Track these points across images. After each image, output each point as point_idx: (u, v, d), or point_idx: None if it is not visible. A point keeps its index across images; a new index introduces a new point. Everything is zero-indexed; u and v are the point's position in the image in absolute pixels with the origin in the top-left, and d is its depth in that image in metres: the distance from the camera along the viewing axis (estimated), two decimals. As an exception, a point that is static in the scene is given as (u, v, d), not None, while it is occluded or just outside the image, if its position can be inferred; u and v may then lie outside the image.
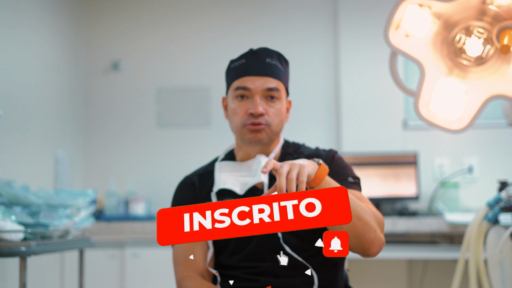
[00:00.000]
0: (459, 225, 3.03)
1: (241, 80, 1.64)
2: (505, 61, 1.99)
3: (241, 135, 1.64)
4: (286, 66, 1.70)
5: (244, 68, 1.64)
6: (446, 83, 2.05)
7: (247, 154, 1.69)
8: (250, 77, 1.63)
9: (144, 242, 3.19)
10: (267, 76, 1.63)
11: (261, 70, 1.63)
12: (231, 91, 1.66)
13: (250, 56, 1.65)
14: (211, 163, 1.76)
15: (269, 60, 1.65)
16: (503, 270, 2.42)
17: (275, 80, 1.64)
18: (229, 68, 1.69)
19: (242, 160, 1.69)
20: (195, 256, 1.60)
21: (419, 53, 2.04)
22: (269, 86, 1.62)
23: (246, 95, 1.63)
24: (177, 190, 1.74)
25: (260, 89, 1.62)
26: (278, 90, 1.64)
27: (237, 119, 1.64)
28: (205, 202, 1.65)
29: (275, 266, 1.55)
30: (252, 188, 1.63)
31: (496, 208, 2.45)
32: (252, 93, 1.62)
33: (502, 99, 2.07)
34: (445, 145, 3.62)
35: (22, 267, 1.96)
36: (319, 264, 1.56)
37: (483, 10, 1.95)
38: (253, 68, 1.63)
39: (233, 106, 1.65)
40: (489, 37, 1.96)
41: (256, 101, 1.61)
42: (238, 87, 1.64)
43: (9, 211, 2.05)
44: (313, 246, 1.57)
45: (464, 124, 2.05)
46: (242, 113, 1.63)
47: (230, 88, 1.67)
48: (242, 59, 1.66)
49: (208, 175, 1.71)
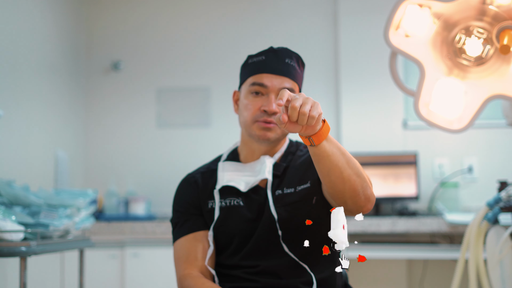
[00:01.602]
0: (459, 225, 3.03)
1: (258, 77, 1.63)
2: (505, 61, 1.99)
3: (250, 130, 1.63)
4: (302, 69, 1.70)
5: (263, 65, 1.64)
6: (446, 83, 2.05)
7: (251, 152, 1.68)
8: (267, 74, 1.63)
9: (144, 242, 3.19)
10: (284, 76, 1.63)
11: (280, 70, 1.63)
12: (246, 86, 1.66)
13: (270, 54, 1.65)
14: (214, 161, 1.75)
15: (288, 60, 1.65)
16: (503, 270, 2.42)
17: (291, 81, 1.64)
18: (246, 63, 1.69)
19: (245, 160, 1.69)
20: (197, 254, 1.59)
21: (419, 53, 2.04)
22: (285, 86, 1.62)
23: (261, 92, 1.63)
24: (179, 187, 1.73)
25: (277, 88, 1.62)
26: (293, 91, 1.64)
27: (249, 114, 1.63)
28: (208, 199, 1.66)
29: (275, 265, 1.55)
30: (255, 187, 1.63)
31: (495, 208, 2.45)
32: (268, 91, 1.62)
33: (502, 99, 2.07)
34: (445, 145, 3.62)
35: (22, 267, 1.96)
36: (317, 264, 1.57)
37: (483, 10, 1.95)
38: (271, 67, 1.63)
39: (245, 101, 1.64)
40: (489, 37, 1.97)
41: (271, 99, 1.61)
42: (254, 83, 1.63)
43: (9, 211, 2.05)
44: (312, 245, 1.57)
45: (464, 124, 2.05)
46: (255, 109, 1.62)
47: (245, 83, 1.67)
48: (261, 55, 1.66)
49: (211, 173, 1.70)
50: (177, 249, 1.64)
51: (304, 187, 1.60)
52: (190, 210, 1.66)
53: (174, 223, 1.68)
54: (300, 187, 1.60)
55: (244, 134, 1.69)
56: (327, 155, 1.36)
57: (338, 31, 3.76)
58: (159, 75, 3.88)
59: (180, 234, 1.64)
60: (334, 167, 1.38)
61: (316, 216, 1.57)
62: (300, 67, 1.69)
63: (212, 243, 1.62)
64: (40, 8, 3.22)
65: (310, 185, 1.59)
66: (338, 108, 3.75)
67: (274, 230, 1.57)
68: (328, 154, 1.36)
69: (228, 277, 1.60)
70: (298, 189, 1.60)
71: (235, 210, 1.61)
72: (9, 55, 2.86)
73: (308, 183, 1.60)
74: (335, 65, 3.79)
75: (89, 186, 3.75)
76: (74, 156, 3.66)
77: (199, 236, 1.62)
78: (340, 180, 1.40)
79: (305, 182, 1.60)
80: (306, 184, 1.60)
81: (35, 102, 3.13)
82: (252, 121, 1.62)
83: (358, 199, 1.44)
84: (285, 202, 1.59)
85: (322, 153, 1.36)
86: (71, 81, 3.68)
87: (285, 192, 1.60)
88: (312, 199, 1.58)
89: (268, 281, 1.54)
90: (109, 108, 3.87)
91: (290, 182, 1.62)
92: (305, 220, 1.55)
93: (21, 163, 2.93)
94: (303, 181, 1.61)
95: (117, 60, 3.87)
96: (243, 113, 1.65)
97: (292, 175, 1.63)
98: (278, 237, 1.57)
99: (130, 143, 3.84)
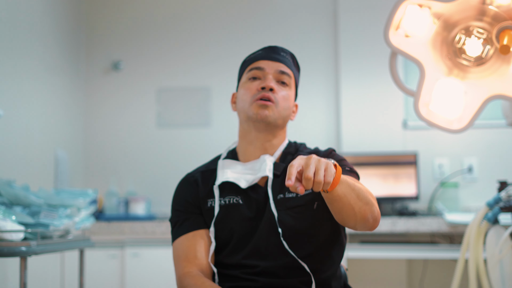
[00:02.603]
0: (459, 225, 3.04)
1: (255, 63, 1.68)
2: (504, 61, 1.99)
3: (248, 111, 1.64)
4: (297, 69, 1.76)
5: (260, 56, 1.70)
6: (446, 83, 2.05)
7: (250, 147, 1.68)
8: (265, 60, 1.68)
9: (144, 242, 3.20)
10: (281, 62, 1.68)
11: (276, 58, 1.69)
12: (245, 75, 1.70)
13: (267, 48, 1.71)
14: (212, 161, 1.76)
15: (283, 54, 1.71)
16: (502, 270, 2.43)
17: (287, 68, 1.69)
18: (244, 62, 1.74)
19: (245, 160, 1.69)
20: (196, 253, 1.59)
21: (419, 53, 2.04)
22: (282, 69, 1.67)
23: (259, 76, 1.66)
24: (179, 186, 1.73)
25: (273, 70, 1.66)
26: (290, 77, 1.68)
27: (247, 96, 1.65)
28: (207, 198, 1.65)
29: (274, 265, 1.55)
30: (254, 186, 1.64)
31: (495, 208, 2.45)
32: (264, 73, 1.66)
33: (501, 99, 2.07)
34: (445, 145, 3.62)
35: (23, 267, 1.96)
36: (317, 263, 1.57)
37: (483, 10, 1.95)
38: (268, 55, 1.69)
39: (243, 88, 1.68)
40: (489, 37, 1.97)
41: (269, 78, 1.65)
42: (252, 68, 1.67)
43: (10, 211, 2.05)
44: (312, 245, 1.58)
45: (464, 124, 2.05)
46: (253, 90, 1.65)
47: (243, 75, 1.71)
48: (258, 51, 1.72)
49: (211, 172, 1.71)
50: (177, 247, 1.64)
51: (306, 192, 1.60)
52: (190, 209, 1.66)
53: (174, 222, 1.68)
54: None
55: (243, 126, 1.69)
56: (340, 198, 1.39)
57: (338, 30, 3.76)
58: (159, 75, 3.88)
59: (179, 233, 1.64)
60: (346, 205, 1.41)
61: (316, 220, 1.58)
62: (295, 65, 1.74)
63: (214, 240, 1.61)
64: (40, 7, 3.23)
65: (312, 190, 1.59)
66: (338, 108, 3.75)
67: (274, 228, 1.57)
68: (340, 196, 1.39)
69: (228, 276, 1.60)
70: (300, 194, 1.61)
71: (234, 208, 1.61)
72: (9, 54, 2.86)
73: (310, 189, 1.60)
74: (335, 65, 3.79)
75: (89, 186, 3.75)
76: (74, 156, 3.66)
77: (198, 235, 1.62)
78: (352, 214, 1.44)
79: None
80: (308, 190, 1.60)
81: (35, 102, 3.13)
82: (251, 101, 1.64)
83: (367, 223, 1.48)
84: (287, 206, 1.59)
85: (335, 197, 1.38)
86: (71, 81, 3.68)
87: (287, 196, 1.60)
88: (314, 204, 1.59)
89: (267, 281, 1.54)
90: (109, 108, 3.88)
91: None
92: (306, 223, 1.57)
93: (21, 163, 2.93)
94: None
95: (117, 60, 3.87)
96: (242, 99, 1.67)
97: None
98: (277, 236, 1.57)
99: (130, 143, 3.84)
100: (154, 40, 3.90)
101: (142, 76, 3.88)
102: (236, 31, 3.87)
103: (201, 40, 3.88)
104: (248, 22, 3.88)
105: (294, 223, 1.57)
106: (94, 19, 3.92)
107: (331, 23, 3.82)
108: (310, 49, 3.81)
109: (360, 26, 3.73)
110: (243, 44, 3.83)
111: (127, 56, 3.89)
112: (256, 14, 3.88)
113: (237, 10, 3.90)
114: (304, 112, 3.75)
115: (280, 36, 3.82)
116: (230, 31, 3.88)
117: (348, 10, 3.75)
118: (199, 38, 3.88)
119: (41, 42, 3.23)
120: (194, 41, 3.88)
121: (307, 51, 3.81)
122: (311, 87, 3.79)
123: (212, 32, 3.88)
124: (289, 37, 3.82)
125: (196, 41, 3.88)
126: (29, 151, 3.03)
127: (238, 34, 3.87)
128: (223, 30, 3.88)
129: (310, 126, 3.75)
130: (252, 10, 3.89)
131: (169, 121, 3.85)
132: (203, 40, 3.88)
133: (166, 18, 3.91)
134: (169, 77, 3.87)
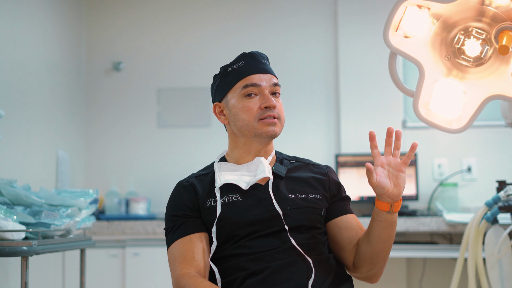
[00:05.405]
0: (458, 225, 3.04)
1: (246, 79, 1.66)
2: (503, 61, 2.00)
3: (255, 130, 1.65)
4: None
5: (247, 68, 1.68)
6: (445, 84, 2.06)
7: (246, 153, 1.69)
8: (256, 74, 1.67)
9: (145, 242, 3.21)
10: (269, 73, 1.70)
11: (263, 69, 1.69)
12: (236, 91, 1.67)
13: (247, 58, 1.70)
14: (205, 168, 1.77)
15: (265, 61, 1.72)
16: (501, 269, 2.44)
17: (276, 78, 1.71)
18: (226, 73, 1.70)
19: (238, 163, 1.71)
20: (194, 254, 1.59)
21: (418, 53, 2.04)
22: (274, 81, 1.69)
23: (254, 92, 1.66)
24: (174, 192, 1.72)
25: (268, 85, 1.67)
26: (280, 86, 1.71)
27: (250, 115, 1.65)
28: (206, 198, 1.65)
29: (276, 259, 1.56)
30: (254, 184, 1.65)
31: (494, 208, 2.46)
32: (260, 89, 1.66)
33: (500, 99, 2.08)
34: (444, 145, 3.63)
35: (24, 266, 1.97)
36: (317, 263, 1.59)
37: (482, 11, 1.96)
38: (255, 67, 1.68)
39: (240, 105, 1.66)
40: (488, 38, 1.97)
41: (267, 96, 1.66)
42: (246, 85, 1.66)
43: (11, 211, 2.06)
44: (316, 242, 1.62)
45: (463, 124, 2.05)
46: (255, 108, 1.65)
47: (233, 89, 1.68)
48: (239, 61, 1.69)
49: (205, 176, 1.71)
50: (173, 251, 1.62)
51: (315, 196, 1.67)
52: (188, 213, 1.65)
53: (169, 227, 1.66)
54: (311, 195, 1.67)
55: (242, 139, 1.69)
56: (395, 224, 1.56)
57: (338, 31, 3.77)
58: (159, 75, 3.89)
59: (175, 237, 1.63)
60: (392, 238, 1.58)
61: (320, 223, 1.67)
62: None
63: (215, 240, 1.61)
64: (41, 9, 3.23)
65: (320, 197, 1.68)
66: (337, 108, 3.76)
67: (277, 225, 1.59)
68: (395, 223, 1.56)
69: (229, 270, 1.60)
70: (310, 196, 1.67)
71: (235, 206, 1.62)
72: (10, 56, 2.87)
73: (319, 195, 1.68)
74: (334, 65, 3.80)
75: (90, 186, 3.76)
76: (75, 156, 3.67)
77: (195, 238, 1.61)
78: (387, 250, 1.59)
79: (316, 193, 1.68)
80: (317, 195, 1.68)
81: (36, 102, 3.14)
82: (256, 120, 1.64)
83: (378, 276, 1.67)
84: (298, 205, 1.64)
85: (393, 222, 1.55)
86: (72, 82, 3.69)
87: (298, 196, 1.66)
88: (322, 210, 1.67)
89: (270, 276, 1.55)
90: (110, 108, 3.88)
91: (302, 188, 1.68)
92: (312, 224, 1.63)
93: (22, 163, 2.94)
94: (315, 191, 1.68)
95: (118, 61, 3.88)
96: (241, 116, 1.66)
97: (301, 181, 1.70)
98: (280, 233, 1.59)
99: (131, 143, 3.85)
100: (155, 41, 3.91)
101: (143, 76, 3.89)
102: (236, 32, 3.88)
103: (202, 41, 3.89)
104: (248, 22, 3.89)
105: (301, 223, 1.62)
106: (94, 19, 3.93)
107: (331, 24, 3.83)
108: (310, 50, 3.82)
109: (360, 27, 3.74)
110: (243, 44, 3.83)
111: (127, 57, 3.90)
112: (257, 15, 3.89)
113: (237, 11, 3.91)
114: (304, 112, 3.76)
115: (280, 37, 3.83)
116: (230, 32, 3.89)
117: (348, 11, 3.76)
118: (200, 38, 3.89)
119: (42, 43, 3.24)
120: (194, 42, 3.89)
121: (307, 52, 3.82)
122: (311, 87, 3.80)
123: (212, 33, 3.89)
124: (289, 39, 3.83)
125: (196, 41, 3.89)
126: (31, 151, 3.04)
127: (238, 35, 3.87)
128: (224, 30, 3.89)
129: (309, 126, 3.76)
130: (252, 11, 3.90)
131: (169, 121, 3.85)
132: (204, 40, 3.89)
133: (166, 18, 3.92)
134: (170, 78, 3.88)
